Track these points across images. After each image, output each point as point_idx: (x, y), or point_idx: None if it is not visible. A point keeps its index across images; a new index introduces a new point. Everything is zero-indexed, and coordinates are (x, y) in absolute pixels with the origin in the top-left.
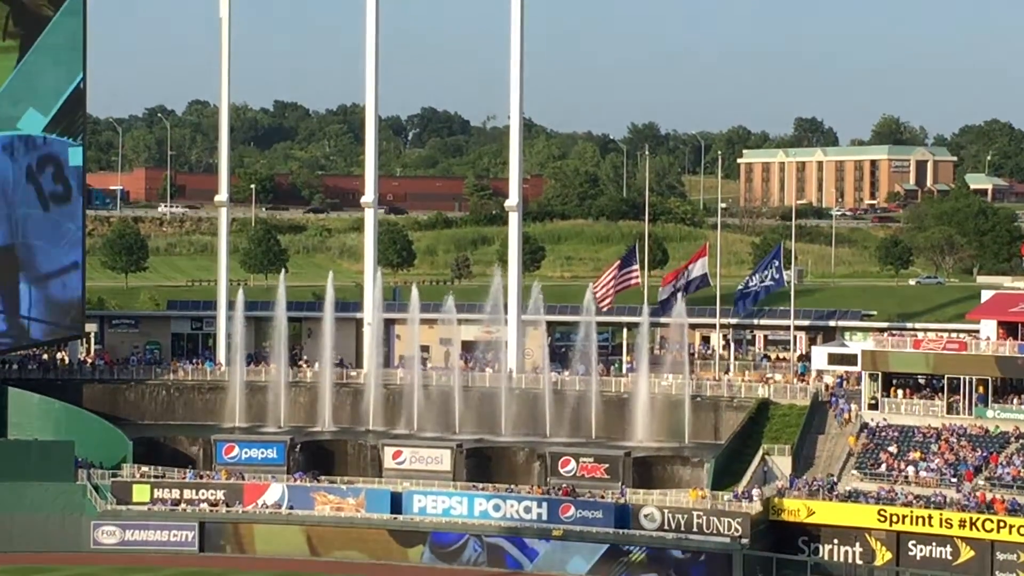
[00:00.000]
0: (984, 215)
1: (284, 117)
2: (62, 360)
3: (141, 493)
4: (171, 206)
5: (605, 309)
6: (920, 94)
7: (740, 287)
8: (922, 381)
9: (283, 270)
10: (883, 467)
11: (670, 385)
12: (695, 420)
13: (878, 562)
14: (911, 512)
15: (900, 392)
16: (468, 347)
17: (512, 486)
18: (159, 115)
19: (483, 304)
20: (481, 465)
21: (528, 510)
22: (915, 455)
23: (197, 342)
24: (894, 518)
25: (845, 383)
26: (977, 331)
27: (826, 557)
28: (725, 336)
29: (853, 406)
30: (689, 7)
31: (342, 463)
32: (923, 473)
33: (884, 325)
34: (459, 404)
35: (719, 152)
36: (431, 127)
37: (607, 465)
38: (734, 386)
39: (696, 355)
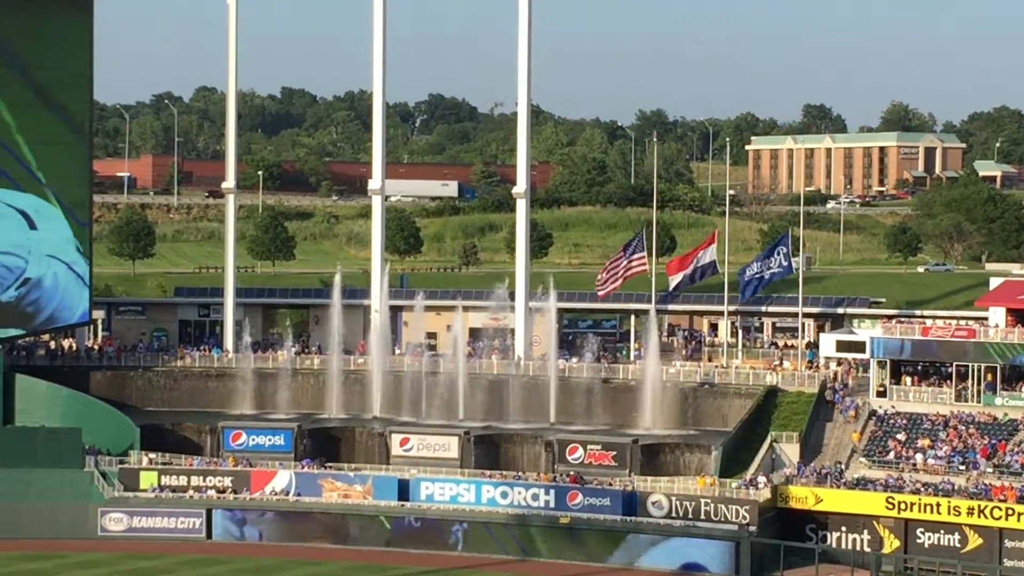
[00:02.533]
0: (993, 202)
1: (291, 104)
2: (69, 347)
3: (148, 480)
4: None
5: (602, 296)
6: (929, 81)
7: (742, 273)
8: (930, 368)
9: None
10: (891, 455)
11: (678, 372)
12: (703, 407)
13: (886, 550)
14: (919, 500)
15: (908, 379)
16: (476, 334)
17: (520, 473)
18: (166, 102)
19: (491, 291)
20: (489, 452)
21: (536, 497)
22: (923, 442)
23: (204, 329)
24: (902, 506)
25: (851, 370)
26: (986, 318)
27: (834, 544)
28: (733, 323)
29: (859, 401)
30: None
31: (349, 450)
32: (931, 461)
33: (893, 312)
34: (466, 391)
35: (727, 139)
36: (438, 114)
37: (615, 452)
38: (742, 373)
39: (704, 342)
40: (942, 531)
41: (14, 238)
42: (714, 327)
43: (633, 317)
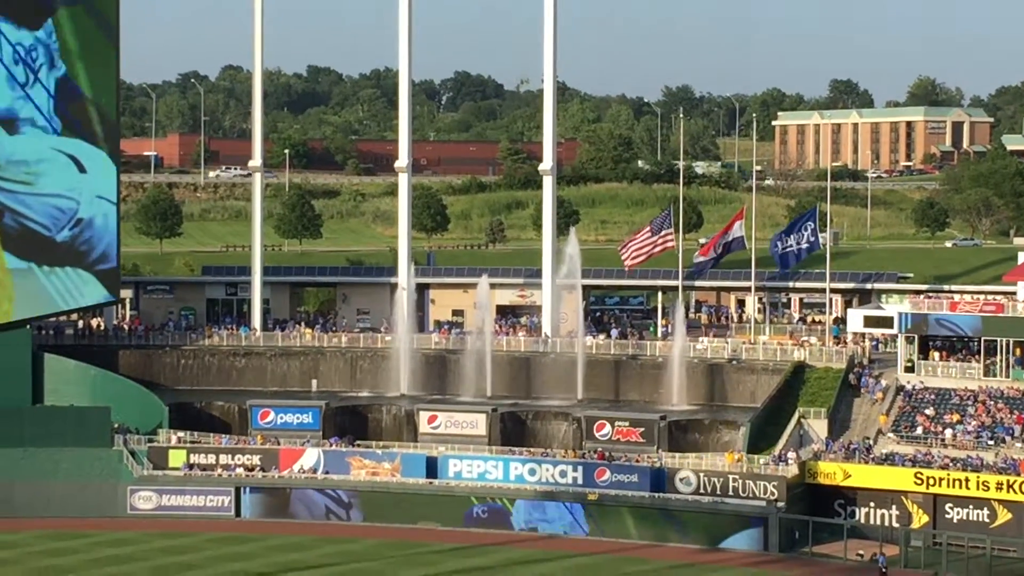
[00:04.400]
0: (1021, 176)
1: (317, 82)
2: (98, 326)
3: (177, 458)
4: None
5: (628, 269)
6: (956, 55)
7: (773, 247)
8: (958, 343)
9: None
10: (920, 430)
11: (705, 349)
12: (731, 384)
13: (915, 525)
14: (948, 475)
15: (937, 354)
16: (503, 311)
17: (547, 450)
18: (192, 80)
19: (518, 268)
20: (516, 429)
21: (563, 474)
22: (952, 418)
23: (232, 307)
24: (931, 481)
25: (881, 345)
26: (1014, 293)
27: (862, 520)
28: (760, 299)
29: (885, 382)
30: None
31: (377, 428)
32: (960, 436)
33: (921, 287)
34: (494, 369)
35: (754, 114)
36: (465, 91)
37: (642, 429)
38: (769, 349)
39: (731, 318)
40: (971, 506)
41: (66, 181)
42: (741, 303)
43: (660, 294)
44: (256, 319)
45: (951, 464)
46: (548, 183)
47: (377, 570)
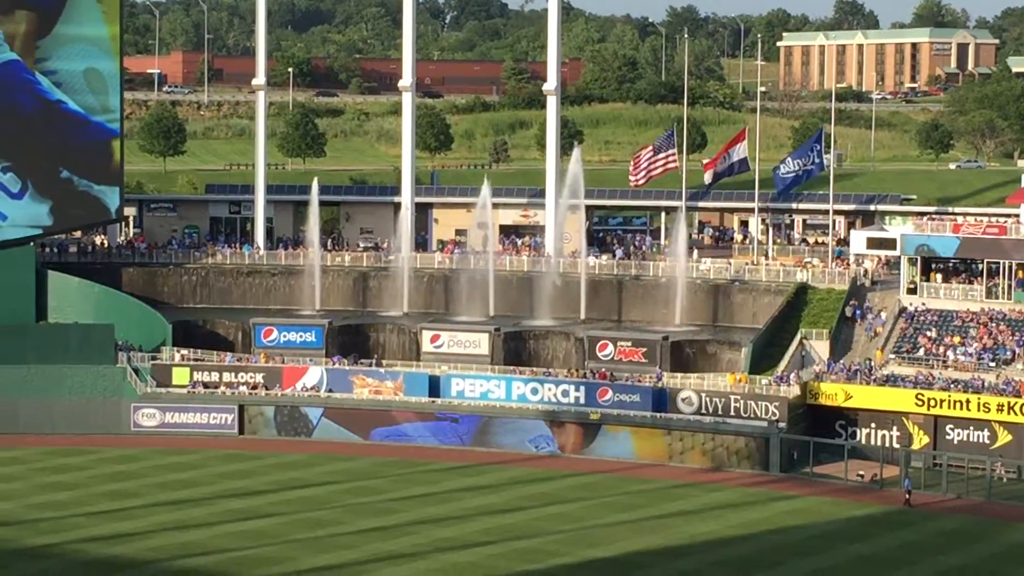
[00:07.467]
0: None
1: (321, 0)
2: (101, 244)
3: (181, 376)
4: None
5: (633, 187)
6: None
7: (777, 169)
8: (960, 265)
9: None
10: (921, 351)
11: (708, 269)
12: (733, 304)
13: (915, 446)
14: (949, 396)
15: (939, 276)
16: (506, 231)
17: (550, 370)
18: None
19: (521, 188)
20: (519, 349)
21: (566, 394)
22: (953, 339)
23: (235, 226)
24: (932, 402)
25: (883, 267)
26: (1017, 215)
27: (863, 441)
28: (764, 221)
29: (884, 315)
30: None
31: (380, 346)
32: (961, 357)
33: (924, 209)
34: (497, 288)
35: (758, 35)
36: (469, 10)
37: (645, 349)
38: (772, 270)
39: (734, 239)
40: (971, 427)
41: None
42: (744, 224)
43: (663, 214)
44: (259, 237)
45: (952, 385)
46: (552, 103)
47: (378, 488)
